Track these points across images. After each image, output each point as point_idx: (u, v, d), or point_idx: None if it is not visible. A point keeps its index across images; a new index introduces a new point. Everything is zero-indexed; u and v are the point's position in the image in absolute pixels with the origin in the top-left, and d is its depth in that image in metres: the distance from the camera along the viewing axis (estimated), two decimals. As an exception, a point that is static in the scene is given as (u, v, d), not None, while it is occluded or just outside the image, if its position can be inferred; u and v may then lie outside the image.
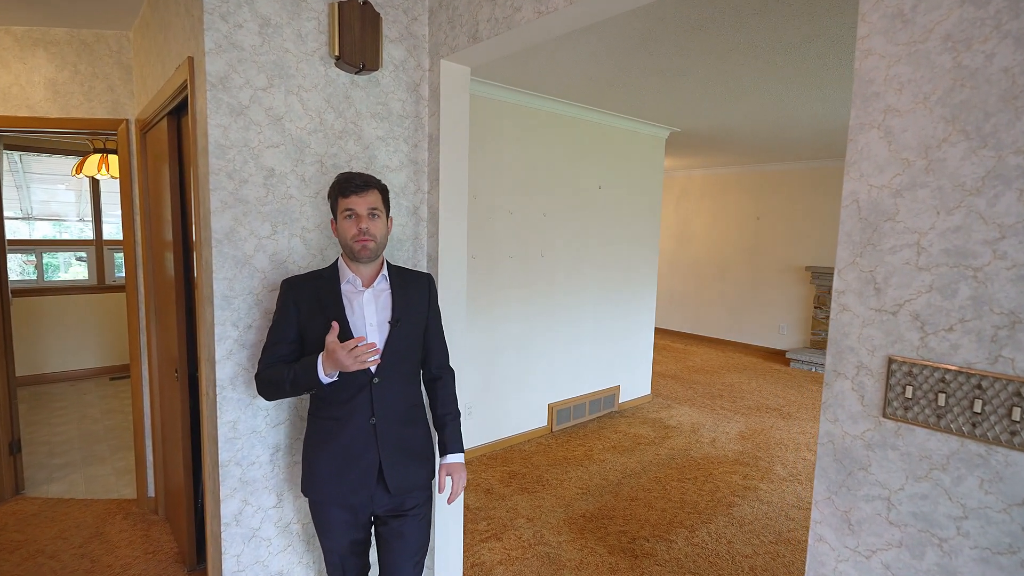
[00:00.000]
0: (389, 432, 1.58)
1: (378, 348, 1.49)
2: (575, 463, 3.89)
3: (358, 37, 1.88)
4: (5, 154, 5.83)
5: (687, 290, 8.35)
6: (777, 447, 4.24)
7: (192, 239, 2.27)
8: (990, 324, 0.90)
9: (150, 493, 3.10)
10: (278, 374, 1.53)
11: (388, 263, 1.67)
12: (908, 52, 0.97)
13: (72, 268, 6.64)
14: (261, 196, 1.78)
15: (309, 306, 1.56)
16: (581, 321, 4.71)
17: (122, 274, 6.05)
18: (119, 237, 5.92)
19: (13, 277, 6.04)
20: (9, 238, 6.28)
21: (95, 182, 5.82)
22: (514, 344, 4.20)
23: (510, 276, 4.13)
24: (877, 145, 1.01)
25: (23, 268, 6.26)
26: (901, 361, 1.00)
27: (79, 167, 4.36)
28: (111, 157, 4.27)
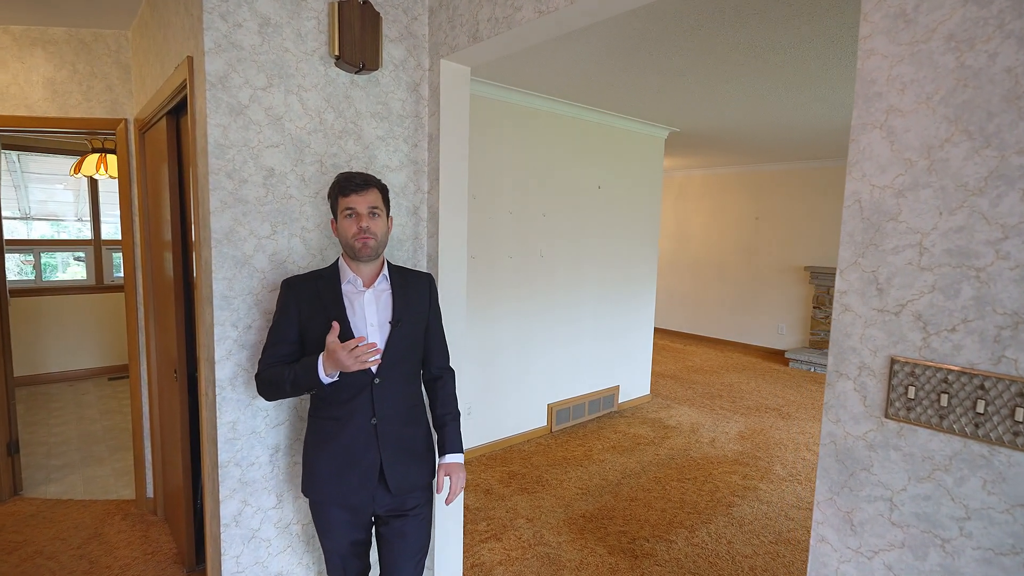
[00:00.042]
0: (390, 432, 1.58)
1: (379, 348, 1.49)
2: (575, 463, 3.89)
3: (358, 37, 1.88)
4: (3, 154, 5.81)
5: (686, 290, 8.35)
6: (776, 447, 4.24)
7: (191, 239, 2.27)
8: (993, 324, 0.90)
9: (149, 494, 3.09)
10: (278, 374, 1.53)
11: (389, 263, 1.66)
12: (910, 52, 0.97)
13: (70, 268, 6.63)
14: (261, 196, 1.78)
15: (310, 306, 1.56)
16: (580, 321, 4.71)
17: (120, 274, 6.03)
18: (117, 237, 5.90)
19: (11, 277, 6.02)
20: (7, 238, 6.27)
21: (93, 182, 5.81)
22: (513, 344, 4.20)
23: (509, 276, 4.13)
24: (879, 145, 1.01)
25: (21, 268, 6.25)
26: (903, 361, 1.00)
27: (77, 167, 4.36)
28: (109, 157, 4.26)
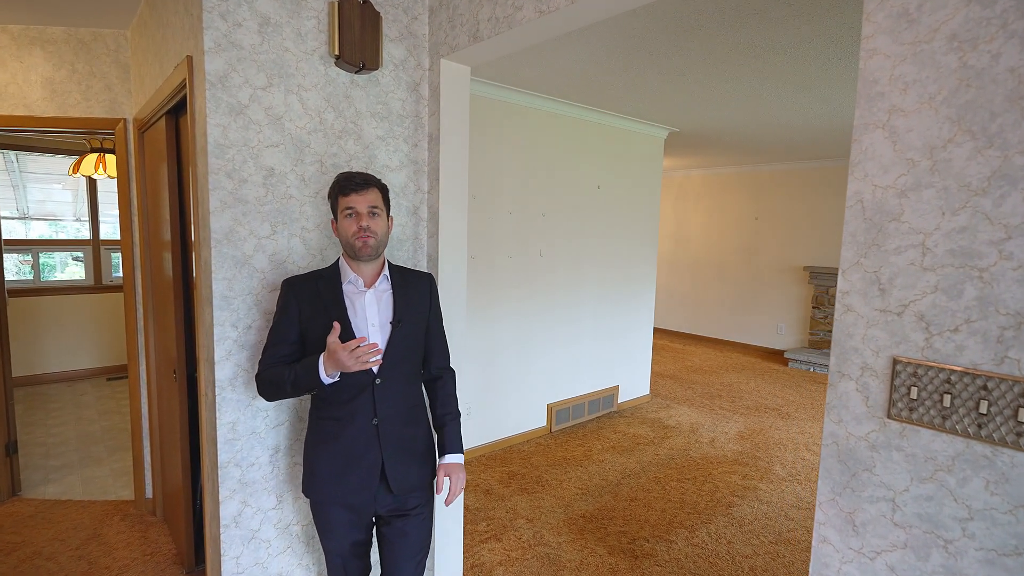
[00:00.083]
0: (391, 432, 1.57)
1: (380, 349, 1.49)
2: (574, 463, 3.89)
3: (358, 36, 1.87)
4: (1, 153, 5.80)
5: (685, 290, 8.35)
6: (776, 447, 4.24)
7: (191, 239, 2.26)
8: (996, 325, 0.90)
9: (148, 494, 3.08)
10: (279, 375, 1.52)
11: (389, 263, 1.66)
12: (913, 52, 0.97)
13: (68, 268, 6.62)
14: (261, 196, 1.77)
15: (310, 306, 1.55)
16: (580, 321, 4.71)
17: (119, 274, 6.02)
18: (116, 237, 5.89)
19: (9, 277, 6.01)
20: (5, 238, 6.26)
21: (92, 182, 5.80)
22: (513, 344, 4.20)
23: (509, 276, 4.12)
24: (882, 145, 1.01)
25: (19, 268, 6.23)
26: (906, 362, 0.99)
27: (76, 167, 4.34)
28: (108, 156, 4.25)
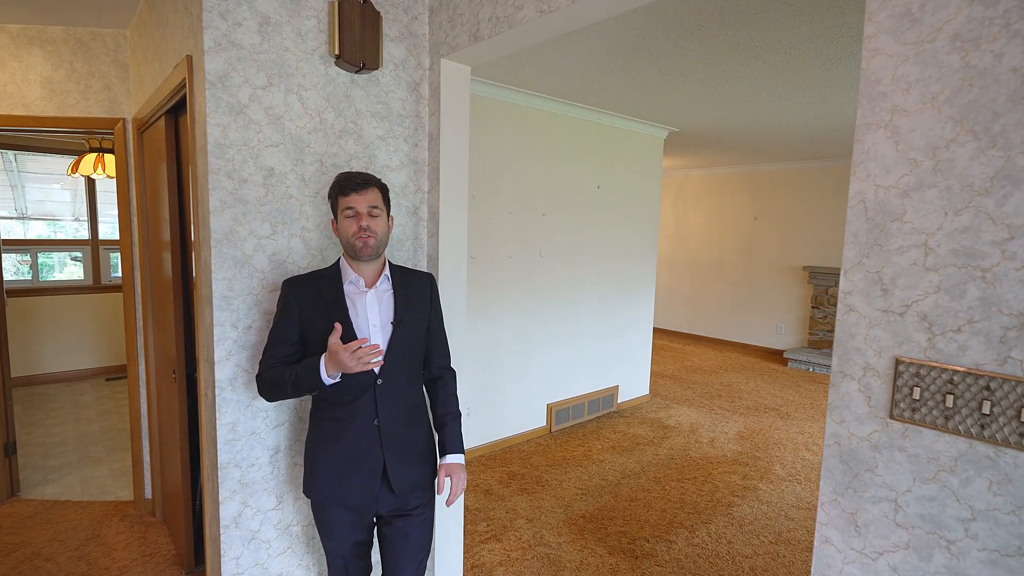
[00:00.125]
0: (393, 433, 1.57)
1: (381, 349, 1.48)
2: (574, 463, 3.89)
3: (358, 36, 1.87)
4: (0, 153, 5.78)
5: (685, 290, 8.35)
6: (776, 447, 4.24)
7: (190, 239, 2.26)
8: (999, 325, 0.90)
9: (147, 495, 3.08)
10: (280, 375, 1.52)
11: (390, 263, 1.66)
12: (916, 51, 0.96)
13: (67, 268, 6.61)
14: (261, 196, 1.77)
15: (311, 306, 1.55)
16: (580, 321, 4.71)
17: (118, 274, 6.01)
18: (115, 237, 5.88)
19: (8, 277, 6.00)
20: (3, 238, 6.25)
21: (91, 181, 5.79)
22: (513, 344, 4.19)
23: (509, 276, 4.12)
24: (884, 145, 1.01)
25: (17, 268, 6.22)
26: (908, 362, 0.99)
27: (75, 166, 4.34)
28: (107, 156, 4.24)
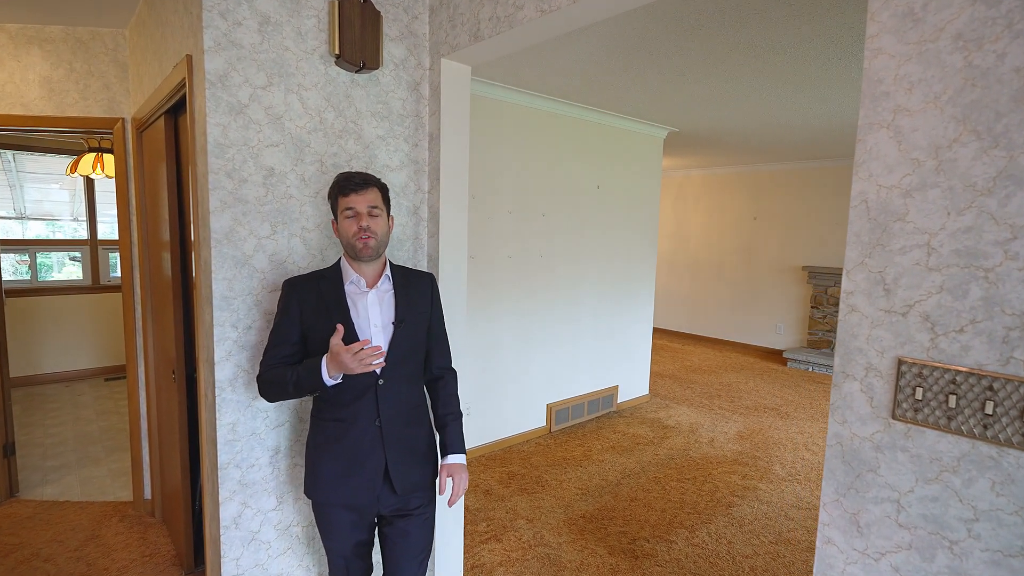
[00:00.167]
0: (394, 433, 1.57)
1: (383, 351, 1.48)
2: (574, 463, 3.89)
3: (358, 35, 1.87)
4: (-2, 153, 5.77)
5: (684, 290, 8.35)
6: (775, 447, 4.24)
7: (189, 239, 2.25)
8: (1002, 325, 0.90)
9: (147, 495, 3.07)
10: (281, 376, 1.51)
11: (391, 263, 1.65)
12: (918, 51, 0.96)
13: (66, 268, 6.59)
14: (261, 196, 1.76)
15: (313, 307, 1.55)
16: (579, 321, 4.71)
17: (117, 274, 6.00)
18: (114, 237, 5.87)
19: (6, 277, 5.98)
20: (2, 238, 6.23)
21: (90, 181, 5.77)
22: (513, 344, 4.19)
23: (509, 276, 4.12)
24: (886, 145, 1.01)
25: (16, 268, 6.21)
26: (911, 363, 0.99)
27: (73, 166, 4.33)
28: (106, 156, 4.23)
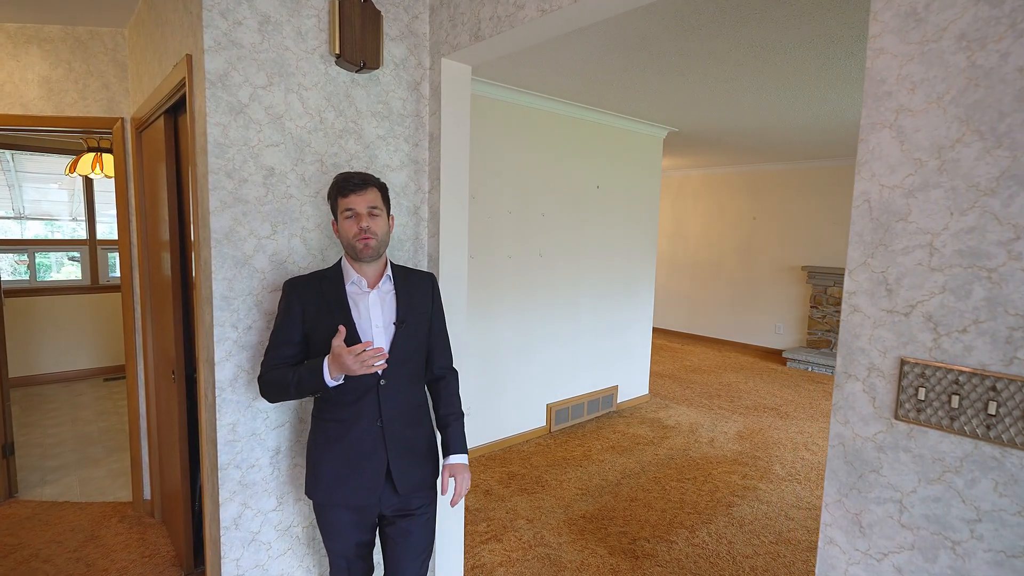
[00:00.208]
0: (396, 433, 1.57)
1: (385, 352, 1.47)
2: (574, 463, 3.89)
3: (359, 35, 1.86)
4: (-3, 153, 5.76)
5: (684, 290, 8.35)
6: (775, 447, 4.24)
7: (189, 239, 2.25)
8: (1005, 325, 0.90)
9: (146, 496, 3.07)
10: (282, 377, 1.51)
11: (391, 263, 1.65)
12: (921, 51, 0.96)
13: (64, 268, 6.58)
14: (261, 196, 1.76)
15: (314, 307, 1.54)
16: (579, 321, 4.71)
17: (116, 274, 5.99)
18: (112, 237, 5.86)
19: (5, 277, 5.97)
20: (1, 238, 6.22)
21: (89, 181, 5.76)
22: (512, 344, 4.19)
23: (509, 276, 4.11)
24: (889, 145, 1.01)
25: (15, 268, 6.19)
26: (913, 363, 0.99)
27: (72, 166, 4.32)
28: (105, 156, 4.22)
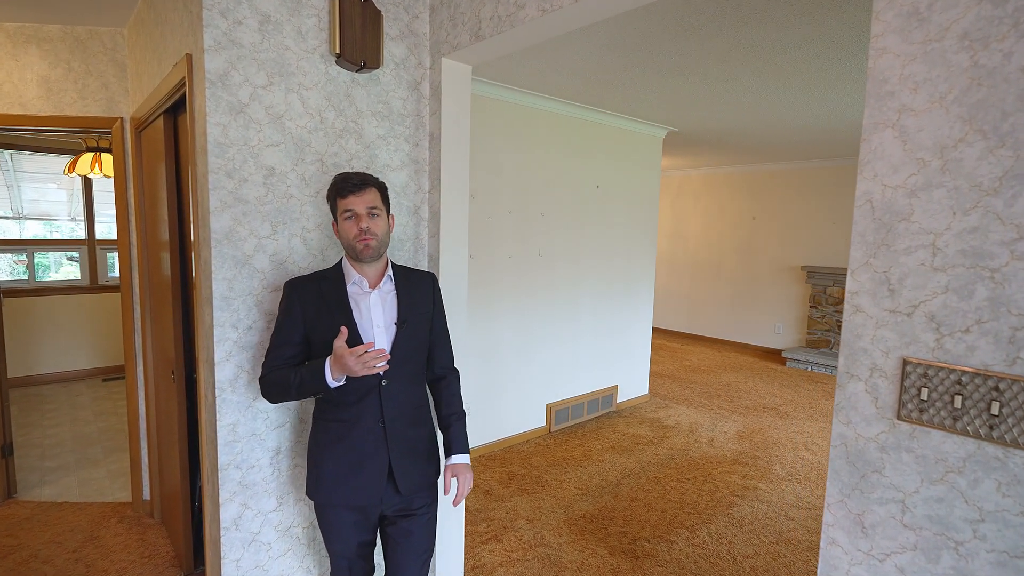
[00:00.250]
0: (397, 433, 1.56)
1: (387, 353, 1.47)
2: (574, 463, 3.88)
3: (359, 35, 1.86)
4: (-5, 153, 5.75)
5: (683, 289, 8.36)
6: (775, 446, 4.24)
7: (189, 239, 2.24)
8: (1008, 325, 0.89)
9: (145, 496, 3.06)
10: (284, 377, 1.51)
11: (392, 263, 1.65)
12: (924, 51, 0.96)
13: (63, 268, 6.57)
14: (261, 195, 1.76)
15: (315, 308, 1.54)
16: (579, 321, 4.70)
17: (115, 274, 5.98)
18: (111, 236, 5.85)
19: (4, 277, 5.96)
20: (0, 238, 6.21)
21: (88, 181, 5.75)
22: (512, 344, 4.19)
23: (508, 276, 4.11)
24: (891, 145, 1.00)
25: (13, 268, 6.18)
26: (916, 363, 0.99)
27: (71, 166, 4.31)
28: (104, 156, 4.22)
